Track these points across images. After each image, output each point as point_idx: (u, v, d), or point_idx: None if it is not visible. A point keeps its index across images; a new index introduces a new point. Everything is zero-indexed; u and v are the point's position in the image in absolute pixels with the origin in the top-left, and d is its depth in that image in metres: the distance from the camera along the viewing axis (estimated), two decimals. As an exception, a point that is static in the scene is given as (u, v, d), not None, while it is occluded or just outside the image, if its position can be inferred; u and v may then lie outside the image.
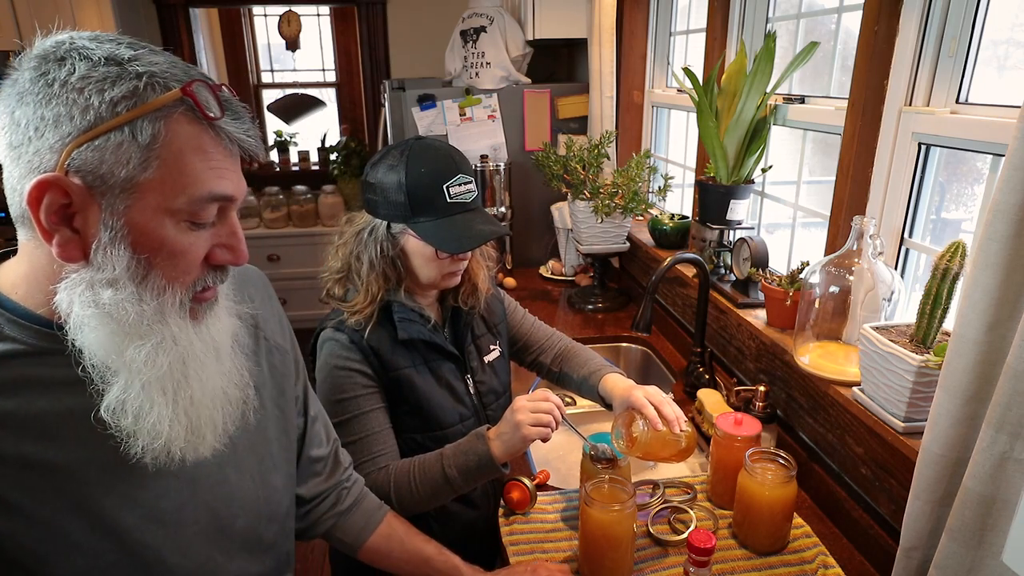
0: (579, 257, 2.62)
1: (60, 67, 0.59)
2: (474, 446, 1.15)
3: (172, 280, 0.65)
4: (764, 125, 1.66)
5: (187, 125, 0.61)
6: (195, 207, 0.63)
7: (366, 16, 3.97)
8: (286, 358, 0.93)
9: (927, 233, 1.32)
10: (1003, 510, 0.77)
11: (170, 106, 0.60)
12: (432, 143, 1.21)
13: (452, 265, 1.23)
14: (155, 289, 0.64)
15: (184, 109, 0.61)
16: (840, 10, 1.52)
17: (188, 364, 0.67)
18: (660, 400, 1.19)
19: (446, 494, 1.17)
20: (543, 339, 1.48)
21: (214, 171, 0.63)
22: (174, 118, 0.60)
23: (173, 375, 0.66)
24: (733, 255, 1.72)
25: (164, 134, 0.60)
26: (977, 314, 0.78)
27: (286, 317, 0.99)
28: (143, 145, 0.59)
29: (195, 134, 0.62)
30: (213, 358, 0.71)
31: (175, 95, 0.60)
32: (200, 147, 0.62)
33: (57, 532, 0.65)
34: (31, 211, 0.60)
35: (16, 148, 0.60)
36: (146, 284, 0.63)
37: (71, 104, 0.58)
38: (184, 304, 0.67)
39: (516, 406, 1.13)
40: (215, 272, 0.69)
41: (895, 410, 1.08)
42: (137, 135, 0.59)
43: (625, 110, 2.62)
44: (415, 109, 2.71)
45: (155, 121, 0.59)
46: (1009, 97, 1.10)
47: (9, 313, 0.65)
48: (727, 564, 1.15)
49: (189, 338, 0.67)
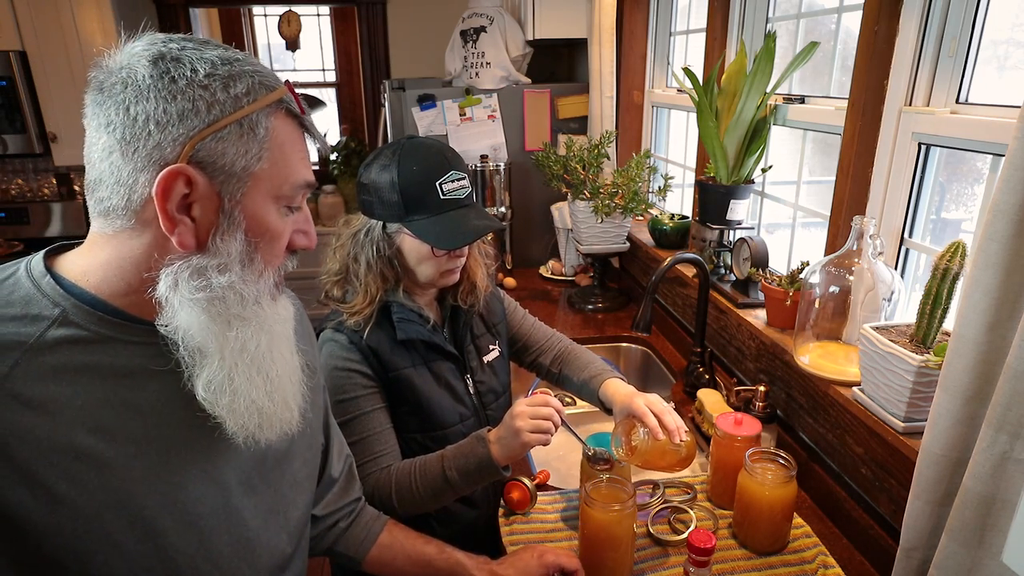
0: (579, 257, 2.62)
1: (179, 66, 0.63)
2: (474, 449, 1.15)
3: (268, 263, 0.71)
4: (764, 125, 1.66)
5: (288, 120, 0.69)
6: (295, 193, 0.70)
7: (366, 16, 3.97)
8: (316, 375, 0.93)
9: (927, 233, 1.32)
10: (1003, 510, 0.77)
11: (277, 103, 0.67)
12: (424, 141, 1.21)
13: (449, 262, 1.23)
14: (256, 273, 0.69)
15: (285, 106, 0.68)
16: (840, 10, 1.52)
17: (273, 345, 0.71)
18: (661, 409, 1.18)
19: (447, 495, 1.17)
20: (543, 340, 1.48)
21: (304, 161, 0.71)
22: (279, 114, 0.68)
23: (264, 355, 0.70)
24: (733, 255, 1.72)
25: (273, 127, 0.67)
26: (977, 314, 0.78)
27: (315, 336, 1.01)
28: (259, 137, 0.66)
29: (293, 128, 0.70)
30: (286, 339, 0.75)
31: (281, 92, 0.68)
32: (297, 140, 0.70)
33: (100, 530, 0.64)
34: (159, 202, 0.62)
35: (131, 142, 0.62)
36: (251, 268, 0.68)
37: (197, 99, 0.62)
38: (275, 286, 0.72)
39: (516, 411, 1.13)
40: (291, 257, 0.75)
41: (895, 410, 1.08)
42: (255, 128, 0.65)
43: (625, 110, 2.62)
44: (415, 109, 2.71)
45: (267, 116, 0.66)
46: (1009, 97, 1.10)
47: (76, 300, 0.66)
48: (727, 564, 1.15)
49: (273, 319, 0.72)
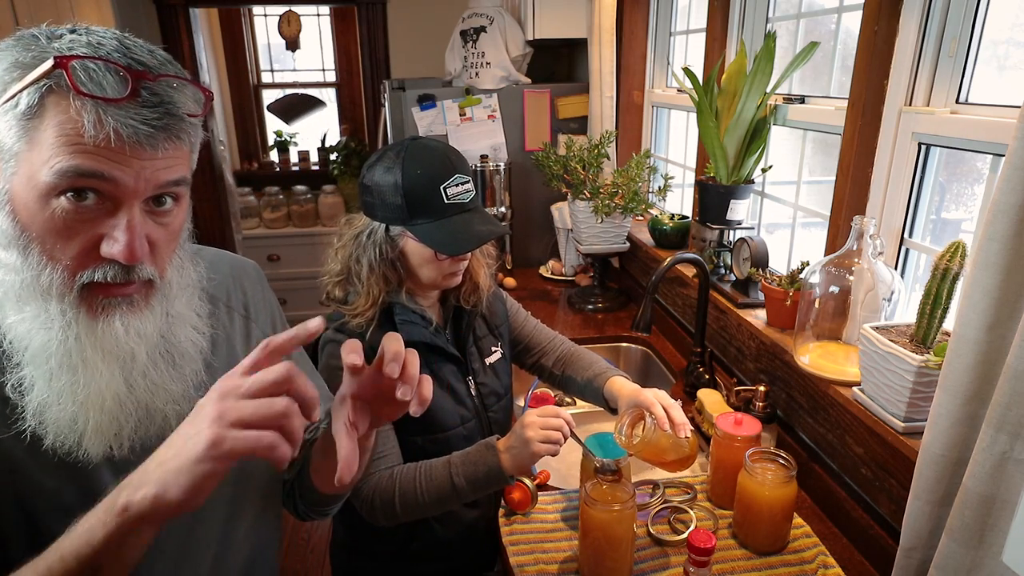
0: (579, 257, 2.62)
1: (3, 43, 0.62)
2: (484, 457, 1.14)
3: (52, 259, 0.64)
4: (764, 125, 1.66)
5: (62, 100, 0.60)
6: (58, 181, 0.61)
7: (366, 16, 3.97)
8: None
9: (927, 233, 1.32)
10: (1003, 510, 0.77)
11: (48, 79, 0.60)
12: (428, 143, 1.20)
13: (452, 266, 1.23)
14: (34, 263, 0.64)
15: (60, 83, 0.60)
16: (840, 10, 1.52)
17: (70, 352, 0.66)
18: (669, 403, 1.19)
19: (451, 502, 1.16)
20: (545, 342, 1.48)
21: (79, 147, 0.61)
22: (51, 91, 0.60)
23: (51, 358, 0.65)
24: (733, 255, 1.72)
25: (37, 105, 0.61)
26: (977, 314, 0.78)
27: (280, 310, 0.98)
28: (19, 114, 0.61)
29: (65, 109, 0.60)
30: (110, 359, 0.67)
31: (48, 67, 0.59)
32: (62, 122, 0.60)
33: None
34: None
35: None
36: (28, 256, 0.64)
37: None
38: (67, 289, 0.65)
39: (526, 421, 1.13)
40: (111, 266, 0.65)
41: (895, 410, 1.08)
42: (19, 104, 0.60)
43: (625, 110, 2.62)
44: (415, 109, 2.71)
45: (33, 92, 0.60)
46: (1009, 97, 1.10)
47: None
48: (727, 564, 1.15)
49: (70, 326, 0.65)
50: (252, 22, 4.86)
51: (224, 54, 4.77)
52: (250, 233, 4.33)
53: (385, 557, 1.33)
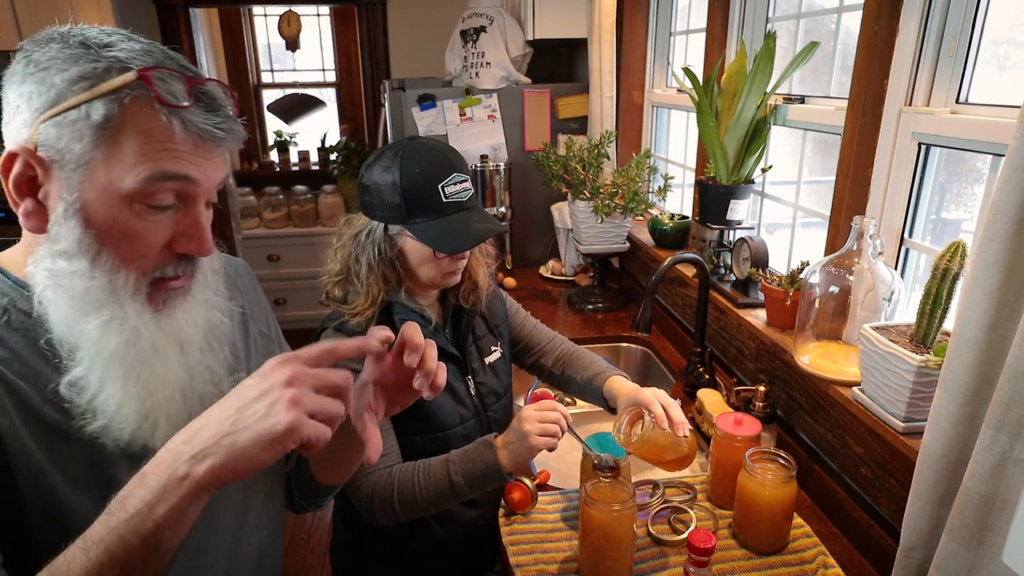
0: (579, 257, 2.62)
1: (40, 48, 0.63)
2: (482, 454, 1.15)
3: (126, 261, 0.66)
4: (764, 125, 1.66)
5: (144, 109, 0.63)
6: (145, 187, 0.64)
7: (366, 16, 3.97)
8: (271, 347, 0.95)
9: (927, 233, 1.32)
10: (1003, 510, 0.77)
11: (127, 89, 0.62)
12: (426, 142, 1.20)
13: (451, 264, 1.23)
14: (106, 267, 0.65)
15: (141, 93, 0.63)
16: (840, 10, 1.52)
17: (143, 349, 0.68)
18: (668, 402, 1.19)
19: (450, 500, 1.16)
20: (545, 342, 1.48)
21: (167, 152, 0.64)
22: (131, 101, 0.62)
23: (126, 357, 0.67)
24: (733, 255, 1.73)
25: (118, 115, 0.62)
26: (977, 314, 0.78)
27: (271, 309, 1.01)
28: (95, 124, 0.62)
29: (149, 118, 0.63)
30: (176, 349, 0.71)
31: (130, 78, 0.62)
32: (150, 130, 0.63)
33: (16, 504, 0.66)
34: (3, 180, 0.64)
35: (6, 124, 0.65)
36: (98, 261, 0.65)
37: (39, 82, 0.62)
38: (140, 288, 0.68)
39: (524, 416, 1.13)
40: (181, 261, 0.70)
41: (895, 410, 1.08)
42: (92, 114, 0.62)
43: (625, 110, 2.62)
44: (415, 109, 2.71)
45: (111, 103, 0.62)
46: (1009, 97, 1.10)
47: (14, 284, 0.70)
48: (727, 564, 1.15)
49: (145, 323, 0.68)
50: (252, 22, 4.86)
51: (224, 54, 4.77)
52: (250, 233, 4.32)
53: (385, 557, 1.33)
